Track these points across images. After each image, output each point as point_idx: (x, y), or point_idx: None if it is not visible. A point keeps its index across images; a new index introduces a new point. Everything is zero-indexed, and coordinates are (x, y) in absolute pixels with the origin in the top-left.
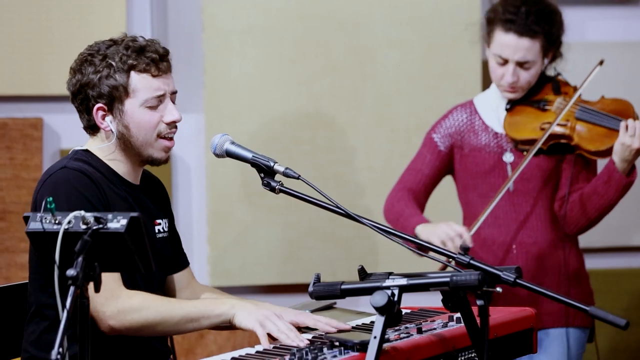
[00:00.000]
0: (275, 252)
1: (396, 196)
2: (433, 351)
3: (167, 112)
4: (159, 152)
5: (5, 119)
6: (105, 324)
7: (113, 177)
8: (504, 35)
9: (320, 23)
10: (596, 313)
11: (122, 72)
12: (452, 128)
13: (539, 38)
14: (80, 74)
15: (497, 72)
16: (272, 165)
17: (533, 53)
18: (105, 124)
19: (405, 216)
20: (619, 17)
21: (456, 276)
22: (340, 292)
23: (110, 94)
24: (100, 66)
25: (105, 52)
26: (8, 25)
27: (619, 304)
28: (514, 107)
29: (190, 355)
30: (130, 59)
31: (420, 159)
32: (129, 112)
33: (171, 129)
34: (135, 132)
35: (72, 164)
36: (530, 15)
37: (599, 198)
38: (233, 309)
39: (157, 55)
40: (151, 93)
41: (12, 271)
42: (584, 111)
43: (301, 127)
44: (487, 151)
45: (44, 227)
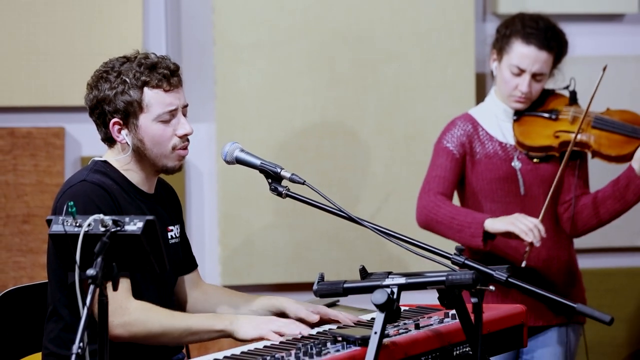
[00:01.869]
0: (282, 253)
1: (434, 200)
2: (430, 346)
3: (179, 125)
4: (173, 162)
5: (29, 128)
6: (113, 333)
7: (129, 188)
8: (525, 47)
9: (325, 38)
10: (583, 310)
11: (135, 88)
12: (463, 137)
13: (553, 53)
14: (96, 89)
15: (511, 83)
16: (279, 171)
17: (547, 66)
18: (121, 137)
19: (462, 214)
20: (605, 33)
21: (452, 275)
22: (343, 291)
23: (126, 110)
24: (115, 82)
25: (119, 69)
26: (32, 41)
27: (604, 301)
28: (521, 118)
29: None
30: (143, 76)
31: (439, 167)
32: (143, 126)
33: (184, 141)
34: (150, 146)
35: (91, 177)
36: (548, 31)
37: (615, 202)
38: (232, 325)
39: (169, 71)
40: (164, 108)
41: (36, 271)
42: (600, 120)
43: (307, 136)
44: (497, 159)
45: (66, 230)
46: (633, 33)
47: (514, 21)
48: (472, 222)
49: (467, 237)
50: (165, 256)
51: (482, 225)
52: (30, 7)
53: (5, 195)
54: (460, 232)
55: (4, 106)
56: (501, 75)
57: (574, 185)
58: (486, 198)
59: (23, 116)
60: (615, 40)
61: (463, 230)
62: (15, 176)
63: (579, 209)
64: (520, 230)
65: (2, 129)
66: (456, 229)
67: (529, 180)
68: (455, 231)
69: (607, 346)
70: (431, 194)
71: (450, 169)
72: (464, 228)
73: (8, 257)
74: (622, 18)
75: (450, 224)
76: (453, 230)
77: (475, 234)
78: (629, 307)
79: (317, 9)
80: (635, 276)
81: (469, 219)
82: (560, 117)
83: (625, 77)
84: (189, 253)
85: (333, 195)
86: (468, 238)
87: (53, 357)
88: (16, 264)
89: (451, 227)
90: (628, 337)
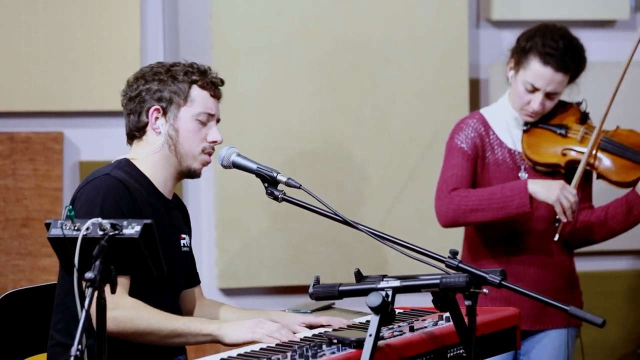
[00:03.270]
0: (278, 256)
1: (457, 194)
2: (424, 348)
3: (211, 132)
4: (198, 164)
5: (29, 133)
6: None
7: (149, 188)
8: (542, 67)
9: (323, 43)
10: (575, 313)
11: (185, 82)
12: (476, 139)
13: (570, 73)
14: (142, 80)
15: (524, 98)
16: (275, 175)
17: (562, 86)
18: (156, 126)
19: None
20: (596, 39)
21: (446, 278)
22: (338, 293)
23: (170, 98)
24: (165, 76)
25: (169, 68)
26: (31, 47)
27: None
28: (531, 129)
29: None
30: (194, 75)
31: (455, 167)
32: (182, 118)
33: (211, 148)
34: (183, 139)
35: (115, 173)
36: (567, 52)
37: (617, 223)
38: (219, 330)
39: (218, 81)
40: (205, 108)
41: (35, 274)
42: (609, 143)
43: (304, 140)
44: (505, 167)
45: (64, 233)
46: (625, 39)
47: (535, 35)
48: (515, 193)
49: (513, 209)
50: (163, 259)
51: (527, 191)
52: (29, 14)
53: (4, 199)
54: (504, 208)
55: (4, 111)
56: (516, 88)
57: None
58: None
59: (22, 121)
60: (608, 46)
61: (507, 205)
62: (15, 180)
63: (580, 225)
64: (561, 209)
65: (2, 134)
66: (498, 206)
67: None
68: (498, 209)
69: (600, 348)
70: (449, 190)
71: (467, 168)
72: (508, 202)
73: (7, 260)
74: (614, 24)
75: (489, 205)
76: (494, 210)
77: (522, 203)
78: (621, 310)
79: (314, 15)
80: (627, 279)
81: (508, 192)
82: (569, 134)
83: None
84: (194, 268)
85: (329, 199)
86: (514, 209)
87: (59, 346)
88: (15, 267)
89: (491, 208)
90: (621, 339)
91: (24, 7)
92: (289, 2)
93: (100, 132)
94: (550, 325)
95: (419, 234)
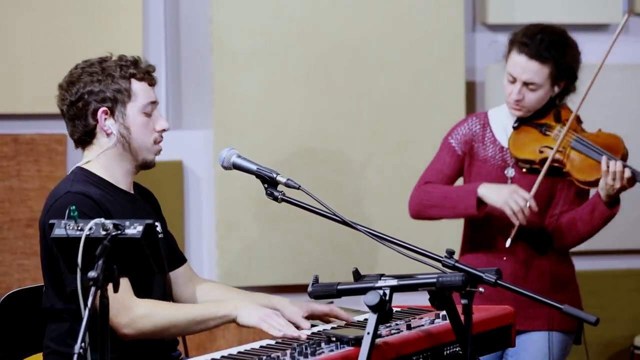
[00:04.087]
0: (278, 256)
1: (424, 188)
2: (421, 345)
3: (158, 121)
4: (152, 155)
5: (33, 135)
6: (120, 332)
7: (111, 189)
8: (517, 55)
9: (320, 47)
10: (569, 311)
11: (124, 78)
12: (468, 135)
13: (548, 64)
14: (80, 83)
15: (507, 89)
16: (275, 176)
17: (540, 77)
18: (107, 127)
19: (454, 190)
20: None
21: (442, 277)
22: (337, 292)
23: (115, 98)
24: (102, 75)
25: (100, 66)
26: (35, 51)
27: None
28: (521, 126)
29: (200, 350)
30: (130, 69)
31: (439, 161)
32: (130, 115)
33: (161, 136)
34: (135, 134)
35: (75, 188)
36: (543, 42)
37: (583, 224)
38: (236, 310)
39: (150, 68)
40: (147, 99)
41: (39, 273)
42: (579, 142)
43: (303, 142)
44: (492, 163)
45: (68, 233)
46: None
47: (518, 31)
48: (465, 194)
49: (461, 210)
50: (165, 258)
51: (476, 193)
52: (32, 19)
53: (9, 199)
54: (454, 207)
55: (8, 113)
56: (504, 82)
57: (561, 200)
58: None
59: (26, 123)
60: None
61: (457, 205)
62: (19, 181)
63: (557, 227)
64: (511, 212)
65: (6, 136)
66: (450, 205)
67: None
68: (449, 208)
69: (592, 346)
70: (421, 184)
71: (449, 165)
72: (458, 202)
73: (12, 259)
74: (607, 28)
75: (444, 203)
76: (447, 208)
77: (469, 205)
78: (613, 308)
79: (313, 19)
80: (619, 278)
81: (461, 192)
82: (547, 132)
83: (610, 85)
84: (175, 248)
85: (327, 199)
86: (462, 210)
87: (54, 355)
88: (20, 266)
89: (445, 206)
90: (613, 337)
91: (27, 12)
92: (288, 6)
93: None
94: (531, 327)
95: (416, 234)
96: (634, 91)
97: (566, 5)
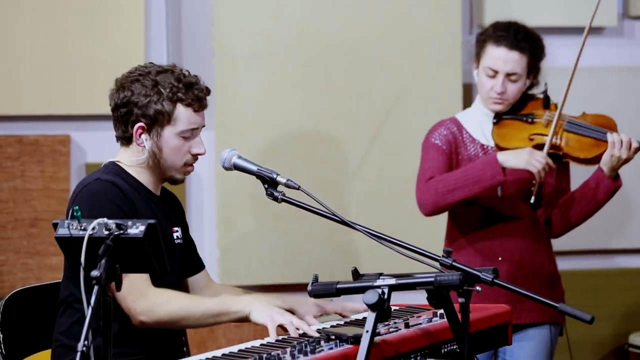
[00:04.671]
0: (277, 255)
1: (434, 180)
2: (419, 343)
3: (196, 145)
4: (180, 175)
5: (36, 136)
6: (137, 320)
7: (139, 187)
8: (496, 48)
9: (320, 48)
10: (565, 309)
11: (170, 101)
12: (449, 136)
13: (526, 54)
14: (129, 90)
15: (487, 85)
16: (275, 177)
17: (521, 67)
18: (140, 140)
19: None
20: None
21: (440, 276)
22: (336, 291)
23: (155, 117)
24: (151, 91)
25: (155, 77)
26: (39, 54)
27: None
28: (500, 121)
29: (202, 348)
30: (180, 92)
31: (431, 160)
32: (165, 137)
33: (195, 160)
34: (166, 156)
35: (104, 177)
36: (519, 33)
37: (587, 203)
38: (249, 306)
39: (203, 94)
40: (189, 125)
41: (42, 272)
42: (573, 124)
43: (302, 142)
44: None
45: (71, 233)
46: (612, 45)
47: (488, 28)
48: (486, 165)
49: (487, 181)
50: (166, 258)
51: (497, 161)
52: (34, 20)
53: (13, 200)
54: (478, 181)
55: (13, 115)
56: (479, 80)
57: (551, 187)
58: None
59: (30, 124)
60: (596, 52)
61: (481, 178)
62: (23, 182)
63: (556, 211)
64: (535, 170)
65: (11, 137)
66: (473, 181)
67: (506, 182)
68: (473, 184)
69: (588, 344)
70: (425, 180)
71: (443, 161)
72: (481, 175)
73: (16, 259)
74: (602, 31)
75: (465, 182)
76: (470, 185)
77: (495, 172)
78: (608, 307)
79: (312, 22)
80: (613, 277)
81: (480, 165)
82: (535, 120)
83: (606, 87)
84: (195, 255)
85: (327, 199)
86: (488, 181)
87: (64, 348)
88: (24, 265)
89: (466, 185)
90: (608, 335)
91: (29, 14)
92: (288, 9)
93: (106, 134)
94: (527, 319)
95: (414, 234)
96: (630, 93)
97: (562, 9)
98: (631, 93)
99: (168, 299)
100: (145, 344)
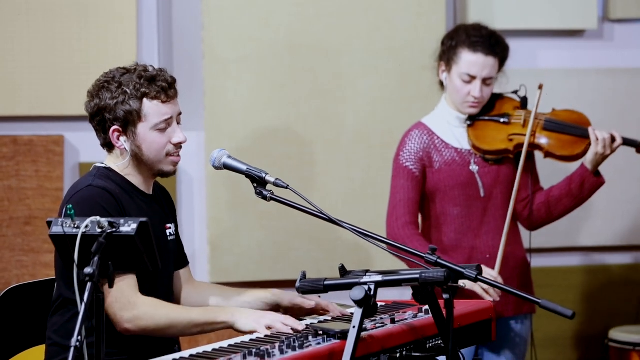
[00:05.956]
0: (266, 252)
1: (404, 232)
2: (405, 339)
3: (174, 134)
4: (168, 166)
5: (31, 136)
6: (122, 327)
7: (130, 189)
8: (473, 55)
9: (306, 52)
10: (547, 305)
11: (135, 99)
12: (420, 152)
13: (498, 58)
14: (97, 98)
15: (463, 90)
16: (264, 176)
17: (495, 70)
18: (120, 144)
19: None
20: (566, 47)
21: (425, 273)
22: (324, 287)
23: (125, 118)
24: (116, 93)
25: (119, 79)
26: (33, 55)
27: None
28: (475, 123)
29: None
30: (143, 88)
31: (402, 190)
32: (141, 134)
33: (177, 148)
34: (147, 152)
35: (96, 182)
36: (492, 38)
37: (571, 199)
38: (233, 317)
39: (167, 84)
40: (160, 117)
41: (37, 269)
42: (550, 122)
43: (290, 143)
44: (456, 165)
45: (65, 231)
46: (593, 47)
47: (458, 32)
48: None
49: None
50: (158, 256)
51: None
52: (29, 24)
53: (8, 198)
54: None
55: (7, 115)
56: (453, 85)
57: (529, 183)
58: (449, 203)
59: (25, 125)
60: (576, 55)
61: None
62: (18, 181)
63: (536, 207)
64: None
65: (5, 137)
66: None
67: (487, 182)
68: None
69: (568, 339)
70: (400, 224)
71: (412, 188)
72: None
73: (11, 256)
74: (583, 34)
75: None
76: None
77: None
78: (588, 303)
79: (299, 26)
80: (595, 273)
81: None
82: (512, 120)
83: (585, 89)
84: (182, 251)
85: (314, 198)
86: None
87: (56, 346)
88: (19, 262)
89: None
90: (589, 330)
91: (25, 18)
92: (276, 15)
93: None
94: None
95: None
96: (609, 95)
97: (543, 12)
98: (610, 95)
99: (154, 309)
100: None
